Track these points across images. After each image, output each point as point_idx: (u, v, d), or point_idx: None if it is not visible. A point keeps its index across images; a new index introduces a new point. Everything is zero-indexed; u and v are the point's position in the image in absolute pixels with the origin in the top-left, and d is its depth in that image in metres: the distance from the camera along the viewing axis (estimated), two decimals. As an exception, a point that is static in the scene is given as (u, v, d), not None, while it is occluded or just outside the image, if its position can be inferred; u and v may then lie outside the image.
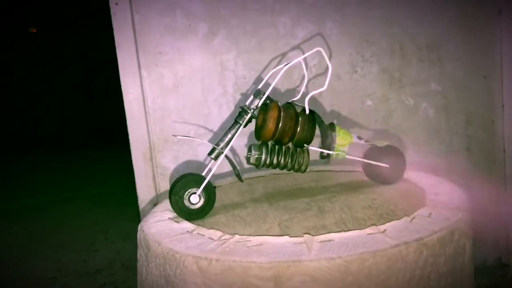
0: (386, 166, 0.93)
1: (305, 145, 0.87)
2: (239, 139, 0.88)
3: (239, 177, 0.90)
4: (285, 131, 0.84)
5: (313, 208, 0.85)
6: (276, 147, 0.86)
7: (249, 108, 0.85)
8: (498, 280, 1.47)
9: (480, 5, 1.38)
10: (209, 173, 0.86)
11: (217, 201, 0.87)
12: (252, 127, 0.89)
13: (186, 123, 1.29)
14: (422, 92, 1.38)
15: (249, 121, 0.86)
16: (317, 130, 0.88)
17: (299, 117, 0.85)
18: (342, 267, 0.62)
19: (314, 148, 0.88)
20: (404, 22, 1.35)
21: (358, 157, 0.93)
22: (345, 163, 0.94)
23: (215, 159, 0.86)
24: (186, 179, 0.84)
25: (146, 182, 1.29)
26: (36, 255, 2.28)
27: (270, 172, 1.15)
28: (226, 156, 0.86)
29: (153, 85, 1.26)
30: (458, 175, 1.31)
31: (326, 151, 0.89)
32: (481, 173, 1.42)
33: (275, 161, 0.86)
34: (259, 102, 0.85)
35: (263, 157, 0.85)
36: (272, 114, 0.84)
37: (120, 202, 3.01)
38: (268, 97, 0.86)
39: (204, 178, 0.84)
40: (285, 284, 0.62)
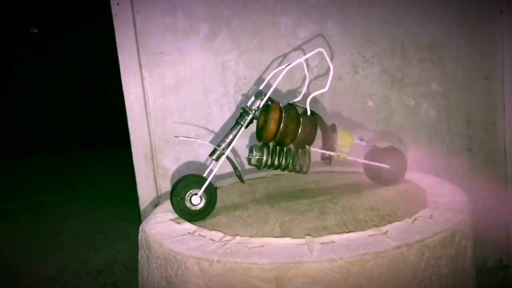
0: (388, 167, 0.93)
1: (307, 146, 0.87)
2: (240, 140, 0.88)
3: (240, 178, 0.90)
4: (286, 132, 0.84)
5: (315, 210, 0.84)
6: (277, 148, 0.86)
7: (250, 109, 0.85)
8: (499, 281, 1.47)
9: (481, 5, 1.38)
10: (211, 174, 0.86)
11: (218, 202, 0.87)
12: (253, 128, 0.89)
13: (187, 123, 1.28)
14: (423, 92, 1.38)
15: (251, 122, 0.86)
16: (319, 131, 0.88)
17: (301, 118, 0.85)
18: (344, 268, 0.62)
19: (316, 149, 0.88)
20: (405, 22, 1.35)
21: (360, 158, 0.93)
22: (347, 164, 0.94)
23: (217, 160, 0.86)
24: (187, 180, 0.84)
25: (147, 183, 1.28)
26: (36, 255, 2.28)
27: (271, 173, 1.14)
28: (227, 157, 0.86)
29: (154, 85, 1.26)
30: (459, 176, 1.31)
31: (327, 152, 0.89)
32: (482, 173, 1.41)
33: (276, 162, 0.86)
34: (260, 103, 0.85)
35: (264, 158, 0.85)
36: (274, 115, 0.83)
37: (121, 202, 3.02)
38: (269, 98, 0.86)
39: (205, 179, 0.84)
40: (287, 285, 0.62)
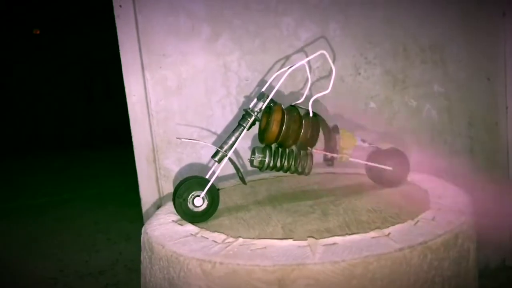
0: (390, 168, 0.93)
1: (309, 148, 0.87)
2: (242, 141, 0.88)
3: (243, 180, 0.90)
4: (288, 134, 0.84)
5: (317, 211, 0.84)
6: (280, 150, 0.86)
7: (252, 111, 0.85)
8: (502, 282, 1.47)
9: (482, 6, 1.38)
10: (213, 176, 0.86)
11: (220, 203, 0.87)
12: (255, 129, 0.89)
13: (189, 125, 1.28)
14: (425, 93, 1.38)
15: (253, 124, 0.86)
16: (321, 133, 0.88)
17: (303, 120, 0.85)
18: (346, 270, 0.62)
19: (318, 151, 0.88)
20: (407, 23, 1.35)
21: (362, 160, 0.93)
22: (349, 165, 0.94)
23: (219, 161, 0.86)
24: (189, 181, 0.84)
25: (149, 184, 1.28)
26: (36, 255, 2.27)
27: (273, 174, 1.14)
28: (229, 158, 0.86)
29: (156, 87, 1.26)
30: (461, 177, 1.31)
31: (330, 154, 0.88)
32: (484, 174, 1.41)
33: (278, 164, 0.86)
34: (262, 105, 0.85)
35: (266, 160, 0.85)
36: (276, 117, 0.83)
37: (121, 202, 3.01)
38: (271, 100, 0.86)
39: (207, 181, 0.84)
40: (289, 287, 0.62)
